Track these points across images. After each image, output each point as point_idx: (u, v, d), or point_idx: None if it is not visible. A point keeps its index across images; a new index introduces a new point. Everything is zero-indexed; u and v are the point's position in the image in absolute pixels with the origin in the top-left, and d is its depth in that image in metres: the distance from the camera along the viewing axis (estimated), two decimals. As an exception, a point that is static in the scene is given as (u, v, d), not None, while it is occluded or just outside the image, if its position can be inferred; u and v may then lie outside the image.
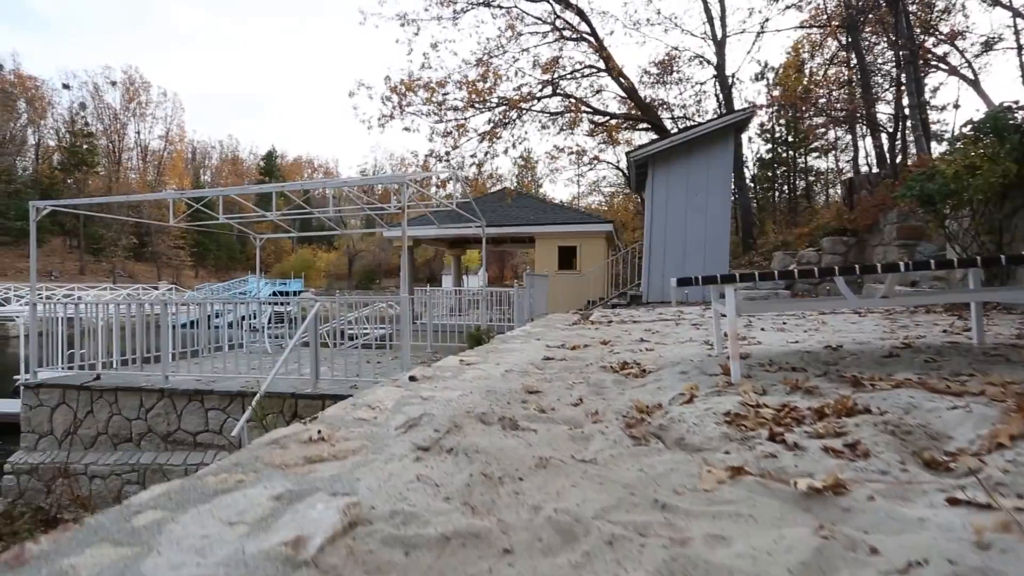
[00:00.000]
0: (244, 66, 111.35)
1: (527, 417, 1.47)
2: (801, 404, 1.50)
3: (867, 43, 15.42)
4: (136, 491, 5.18)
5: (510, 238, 14.75)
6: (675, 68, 19.42)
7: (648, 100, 17.55)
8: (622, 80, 15.05)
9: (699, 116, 21.13)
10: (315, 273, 57.16)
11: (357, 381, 6.15)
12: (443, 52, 13.27)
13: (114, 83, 63.47)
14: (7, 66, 55.46)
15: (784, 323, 4.12)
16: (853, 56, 15.33)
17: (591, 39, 15.05)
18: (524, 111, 12.52)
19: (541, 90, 14.27)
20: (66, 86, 60.22)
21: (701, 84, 18.04)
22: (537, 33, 15.24)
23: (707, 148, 9.59)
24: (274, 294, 44.65)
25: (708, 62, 17.35)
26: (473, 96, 11.70)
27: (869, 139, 17.53)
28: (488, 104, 11.95)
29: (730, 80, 16.66)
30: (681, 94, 19.89)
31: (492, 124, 11.81)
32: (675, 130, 19.73)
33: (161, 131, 70.10)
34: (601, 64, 15.11)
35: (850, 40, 14.77)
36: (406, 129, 11.83)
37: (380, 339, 9.02)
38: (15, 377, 17.89)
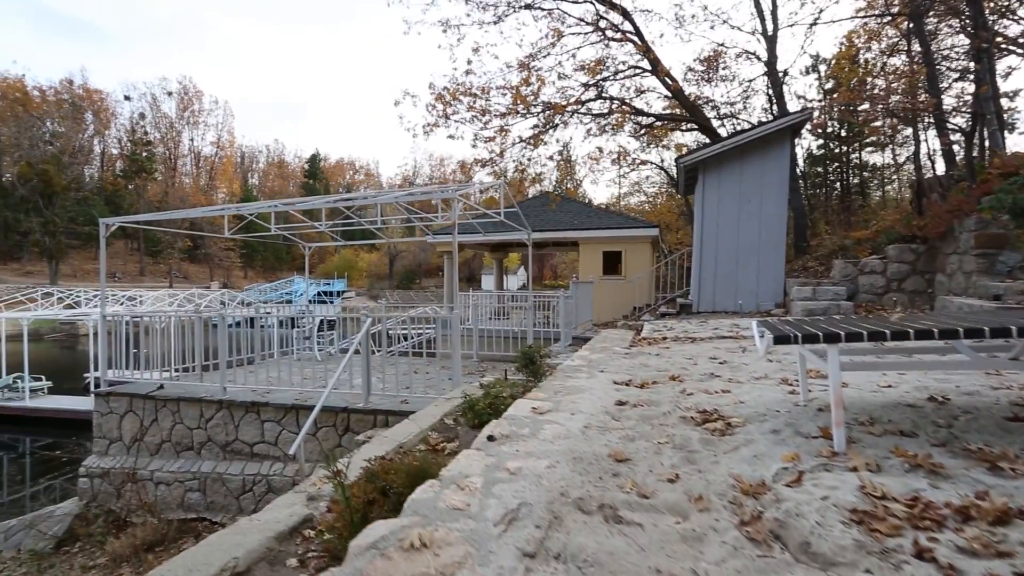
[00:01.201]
0: (288, 72, 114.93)
1: (627, 503, 1.37)
2: (935, 497, 1.34)
3: (932, 30, 14.44)
4: (197, 499, 5.34)
5: (553, 242, 14.61)
6: (721, 65, 18.81)
7: (693, 98, 17.07)
8: (668, 80, 14.67)
9: (746, 114, 20.42)
10: (357, 273, 58.48)
11: (408, 396, 6.16)
12: (484, 56, 13.24)
13: (170, 93, 66.65)
14: (76, 80, 59.02)
15: (864, 356, 3.86)
16: (915, 44, 14.41)
17: (636, 39, 14.73)
18: (569, 116, 12.36)
19: (584, 91, 14.05)
20: (127, 97, 63.64)
21: (750, 82, 17.29)
22: (579, 34, 15.04)
23: (761, 152, 9.21)
24: (318, 294, 46.02)
25: (758, 58, 16.71)
26: (517, 101, 11.62)
27: (933, 133, 16.49)
28: (532, 110, 11.85)
29: (782, 77, 15.99)
30: (728, 92, 19.25)
31: (536, 129, 11.72)
32: (722, 129, 19.15)
33: (213, 137, 73.19)
34: (645, 64, 14.77)
35: (911, 26, 13.84)
36: (450, 137, 11.82)
37: (425, 343, 9.09)
38: (85, 375, 19.06)
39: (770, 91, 17.08)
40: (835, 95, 19.46)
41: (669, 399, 2.60)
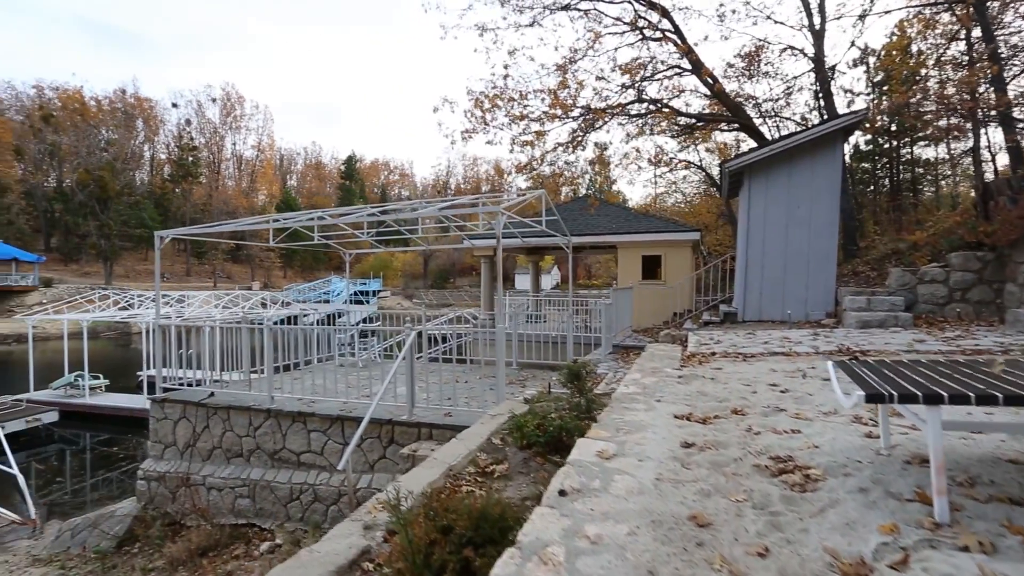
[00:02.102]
0: (324, 75, 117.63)
1: (721, 589, 1.29)
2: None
3: (995, 14, 13.52)
4: (247, 505, 5.46)
5: (590, 246, 14.47)
6: (764, 60, 18.20)
7: (734, 95, 16.57)
8: (710, 80, 14.30)
9: (788, 111, 19.70)
10: (392, 272, 59.38)
11: (451, 408, 6.17)
12: (520, 58, 13.15)
13: (214, 99, 69.19)
14: (128, 90, 61.89)
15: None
16: (975, 30, 13.54)
17: (675, 38, 14.40)
18: (607, 120, 12.18)
19: (622, 94, 13.81)
20: (175, 105, 66.39)
21: (795, 78, 16.66)
22: (616, 34, 14.79)
23: (811, 156, 8.84)
24: (354, 294, 46.92)
25: (804, 54, 16.10)
26: (556, 106, 11.52)
27: (994, 126, 15.51)
28: (571, 114, 11.72)
29: (830, 74, 15.35)
30: (771, 89, 18.62)
31: (573, 133, 11.59)
32: (764, 127, 18.53)
33: (254, 141, 75.66)
34: (685, 64, 14.42)
35: (969, 11, 12.96)
36: (489, 143, 11.82)
37: (461, 348, 9.10)
38: (138, 373, 19.90)
39: (817, 88, 16.43)
40: (886, 89, 18.58)
41: (736, 439, 2.49)
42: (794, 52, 16.83)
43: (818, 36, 14.98)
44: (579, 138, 11.79)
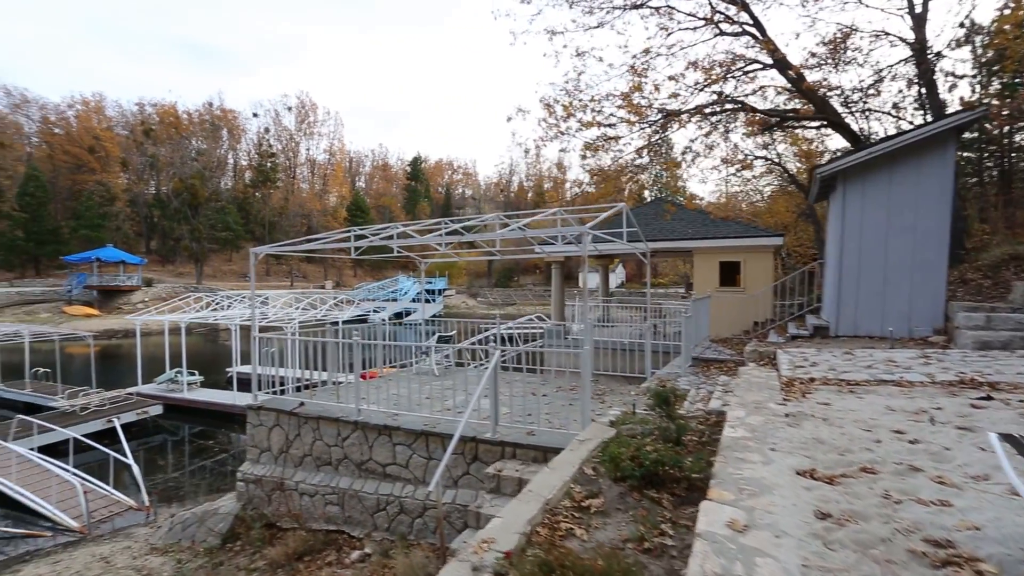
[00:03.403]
0: (390, 78, 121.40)
1: None
2: None
3: None
4: (336, 512, 5.69)
5: (666, 251, 14.04)
6: (852, 46, 16.88)
7: (817, 86, 15.50)
8: (793, 75, 13.47)
9: (878, 102, 18.17)
10: (457, 271, 60.49)
11: (533, 427, 6.15)
12: (589, 60, 12.91)
13: (290, 108, 73.20)
14: (214, 103, 66.69)
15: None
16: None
17: (755, 32, 13.68)
18: (684, 124, 11.75)
19: (696, 93, 13.26)
20: (255, 114, 70.81)
21: (891, 66, 15.38)
22: (690, 29, 14.22)
23: (916, 158, 8.11)
24: (421, 292, 48.20)
25: (901, 39, 14.81)
26: (630, 111, 11.25)
27: None
28: (646, 118, 11.39)
29: (933, 60, 14.04)
30: (861, 79, 17.28)
31: (649, 138, 11.27)
32: (849, 117, 17.21)
33: (326, 146, 79.30)
34: (763, 58, 13.66)
35: None
36: (562, 150, 11.74)
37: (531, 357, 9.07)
38: (227, 370, 21.38)
39: (916, 76, 15.08)
40: (996, 70, 16.75)
41: (876, 510, 2.29)
42: (888, 37, 15.52)
43: (919, 20, 13.74)
44: (654, 142, 11.45)
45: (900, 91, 17.62)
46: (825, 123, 14.00)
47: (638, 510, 3.82)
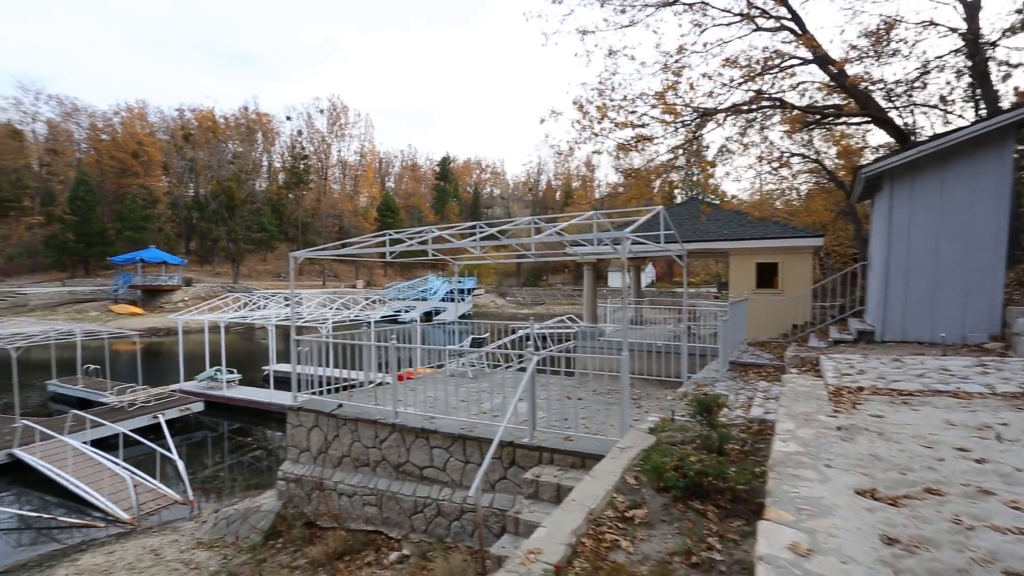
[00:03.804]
0: (418, 78, 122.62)
1: None
2: None
3: None
4: (374, 513, 5.77)
5: (700, 252, 13.80)
6: (896, 37, 16.21)
7: (858, 80, 14.95)
8: (832, 68, 13.04)
9: (923, 96, 17.39)
10: (486, 270, 60.71)
11: (571, 433, 6.13)
12: (621, 59, 12.75)
13: (322, 111, 74.65)
14: (249, 107, 68.56)
15: None
16: None
17: (793, 26, 13.29)
18: (720, 123, 11.50)
19: (732, 91, 12.96)
20: (288, 118, 72.48)
21: (939, 58, 14.74)
22: (722, 24, 13.90)
23: (969, 156, 7.74)
24: (451, 292, 48.57)
25: (950, 29, 14.18)
26: (665, 112, 11.09)
27: None
28: (681, 118, 11.20)
29: (987, 50, 13.41)
30: (905, 71, 16.61)
31: (684, 138, 11.08)
32: (892, 111, 16.53)
33: (356, 147, 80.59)
34: (802, 52, 13.25)
35: None
36: (596, 152, 11.60)
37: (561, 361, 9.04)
38: (263, 368, 21.93)
39: (970, 71, 14.41)
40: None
41: (947, 536, 2.20)
42: (936, 27, 14.88)
43: (972, 8, 13.14)
44: (689, 142, 11.24)
45: (948, 83, 16.86)
46: (869, 119, 13.51)
47: (683, 522, 3.77)
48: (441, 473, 6.72)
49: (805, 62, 13.14)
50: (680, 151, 11.29)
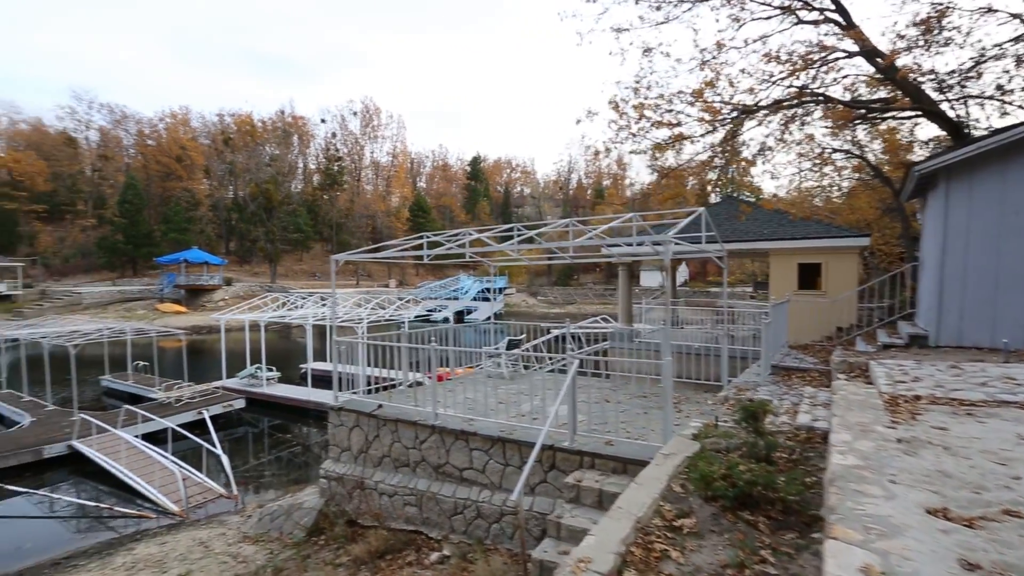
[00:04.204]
0: (448, 78, 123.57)
1: None
2: None
3: None
4: (414, 513, 5.83)
5: (740, 252, 13.47)
6: (949, 24, 15.43)
7: (907, 72, 14.29)
8: (879, 61, 12.53)
9: (978, 86, 16.51)
10: (517, 270, 60.80)
11: (611, 437, 6.07)
12: (656, 56, 12.53)
13: (355, 113, 76.03)
14: (286, 110, 70.37)
15: None
16: None
17: (838, 18, 12.83)
18: (761, 120, 11.19)
19: (769, 87, 12.59)
20: (323, 120, 74.09)
21: (998, 45, 14.01)
22: (761, 18, 13.52)
23: (1036, 149, 7.32)
24: (482, 291, 48.85)
25: (1010, 14, 13.42)
26: (704, 110, 10.86)
27: None
28: (719, 119, 10.95)
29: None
30: (960, 64, 15.81)
31: (724, 136, 10.82)
32: (943, 103, 15.74)
33: (389, 148, 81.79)
34: (846, 45, 12.76)
35: None
36: (633, 152, 11.44)
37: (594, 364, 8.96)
38: (301, 366, 22.50)
39: (1027, 56, 13.61)
40: None
41: (1031, 561, 2.08)
42: (995, 13, 14.09)
43: (1032, -6, 12.41)
44: (728, 142, 10.98)
45: (1007, 71, 15.98)
46: (919, 113, 12.93)
47: (734, 533, 3.70)
48: (480, 475, 6.75)
49: (850, 55, 12.66)
50: (719, 149, 11.04)
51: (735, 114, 11.08)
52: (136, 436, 12.92)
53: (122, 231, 53.00)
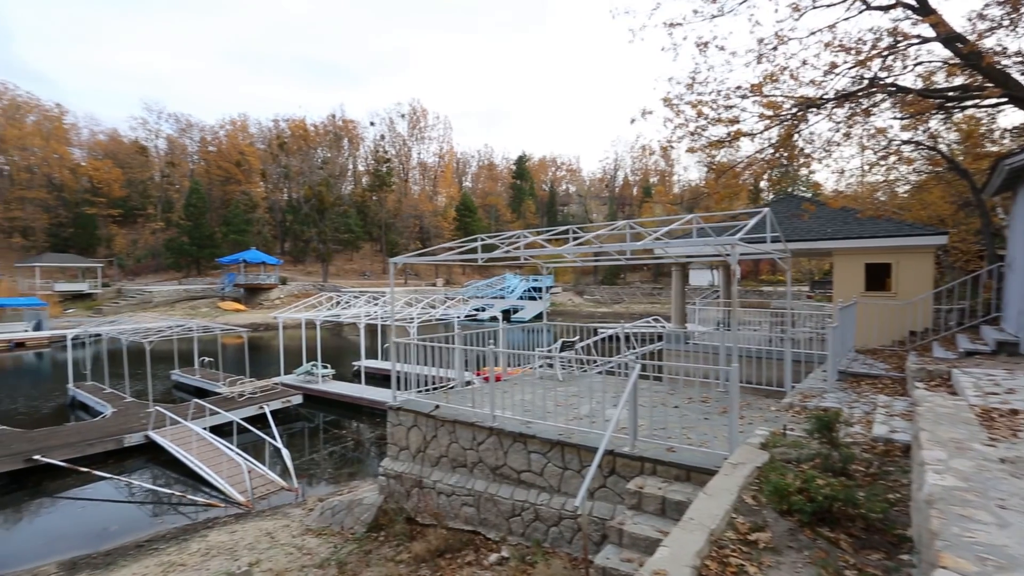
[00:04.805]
0: (493, 78, 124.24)
1: None
2: None
3: None
4: (472, 513, 5.88)
5: (802, 252, 12.90)
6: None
7: (992, 57, 13.25)
8: (960, 47, 11.69)
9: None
10: (563, 269, 60.61)
11: (673, 444, 5.94)
12: (711, 50, 12.13)
13: (403, 115, 77.60)
14: (337, 114, 72.65)
15: None
16: None
17: (911, 1, 12.05)
18: (829, 112, 10.66)
19: (837, 77, 11.96)
20: (372, 123, 76.00)
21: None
22: (824, 6, 12.85)
23: None
24: (528, 290, 48.88)
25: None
26: (765, 107, 10.45)
27: None
28: (780, 114, 10.50)
29: None
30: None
31: (786, 130, 10.36)
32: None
33: (435, 149, 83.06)
34: (922, 30, 11.96)
35: None
36: (690, 150, 11.11)
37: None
38: (354, 364, 23.12)
39: None
40: None
41: None
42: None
43: None
44: (790, 138, 10.50)
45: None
46: (1006, 100, 11.99)
47: (814, 551, 3.56)
48: (539, 478, 6.76)
49: (924, 40, 11.87)
50: (779, 145, 10.58)
51: (796, 109, 10.59)
52: (204, 428, 13.65)
53: (187, 233, 56.23)
